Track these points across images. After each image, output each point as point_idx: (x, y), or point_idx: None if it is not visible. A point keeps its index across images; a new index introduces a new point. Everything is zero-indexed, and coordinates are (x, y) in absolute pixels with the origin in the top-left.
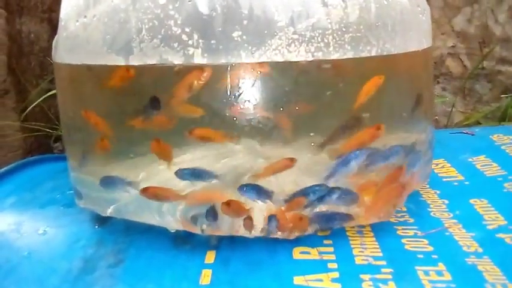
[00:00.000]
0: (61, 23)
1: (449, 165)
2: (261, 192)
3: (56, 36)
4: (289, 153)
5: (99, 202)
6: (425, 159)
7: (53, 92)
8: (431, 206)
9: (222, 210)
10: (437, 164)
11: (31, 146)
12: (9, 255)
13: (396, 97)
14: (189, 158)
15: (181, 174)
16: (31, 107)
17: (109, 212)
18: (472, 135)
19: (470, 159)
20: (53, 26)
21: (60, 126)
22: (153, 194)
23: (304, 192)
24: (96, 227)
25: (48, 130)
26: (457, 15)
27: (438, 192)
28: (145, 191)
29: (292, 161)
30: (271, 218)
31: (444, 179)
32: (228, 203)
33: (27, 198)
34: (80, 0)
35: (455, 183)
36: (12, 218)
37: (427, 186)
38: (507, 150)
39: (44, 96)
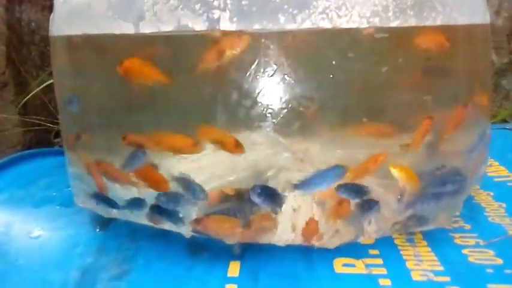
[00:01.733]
0: None
1: (497, 163)
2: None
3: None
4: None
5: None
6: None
7: (51, 81)
8: (487, 209)
9: None
10: None
11: (30, 141)
12: None
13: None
14: (209, 150)
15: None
16: (28, 96)
17: (113, 213)
18: None
19: None
20: None
21: None
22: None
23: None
24: (97, 230)
25: (48, 124)
26: None
27: (492, 194)
28: None
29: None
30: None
31: (495, 179)
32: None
33: (19, 196)
34: None
35: (510, 184)
36: (1, 218)
37: (478, 187)
38: None
39: (42, 86)
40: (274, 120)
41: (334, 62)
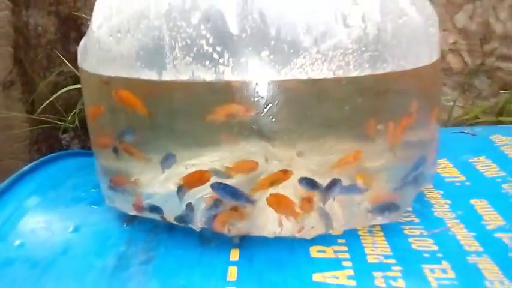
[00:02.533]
0: (92, 34)
1: (451, 165)
2: None
3: (82, 42)
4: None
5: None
6: (431, 162)
7: (67, 89)
8: (435, 206)
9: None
10: (440, 164)
11: (37, 136)
12: (45, 252)
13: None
14: (207, 159)
15: None
16: (44, 105)
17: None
18: (473, 135)
19: (471, 160)
20: (60, 18)
21: (67, 119)
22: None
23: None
24: (125, 225)
25: (56, 122)
26: (459, 12)
27: (441, 192)
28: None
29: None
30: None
31: (447, 179)
32: None
33: (51, 197)
34: (112, 12)
35: (457, 184)
36: (40, 216)
37: (431, 186)
38: (506, 151)
39: (56, 95)
40: (265, 140)
41: (309, 103)
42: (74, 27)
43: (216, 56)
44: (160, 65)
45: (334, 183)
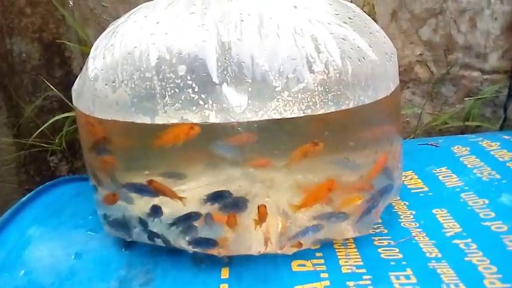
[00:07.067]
0: (89, 82)
1: (416, 177)
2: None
3: (76, 84)
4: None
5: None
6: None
7: (57, 118)
8: (402, 217)
9: None
10: (406, 176)
11: (25, 159)
12: (51, 278)
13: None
14: (195, 185)
15: None
16: (35, 133)
17: (134, 236)
18: (437, 146)
19: (434, 171)
20: (43, 45)
21: (55, 141)
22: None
23: None
24: (124, 250)
25: (44, 145)
26: (424, 26)
27: (407, 203)
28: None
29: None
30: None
31: (412, 191)
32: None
33: (52, 225)
34: (107, 64)
35: (421, 195)
36: (43, 245)
37: (398, 198)
38: (465, 162)
39: (47, 124)
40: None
41: (283, 138)
42: (57, 52)
43: (201, 102)
44: (153, 111)
45: None
